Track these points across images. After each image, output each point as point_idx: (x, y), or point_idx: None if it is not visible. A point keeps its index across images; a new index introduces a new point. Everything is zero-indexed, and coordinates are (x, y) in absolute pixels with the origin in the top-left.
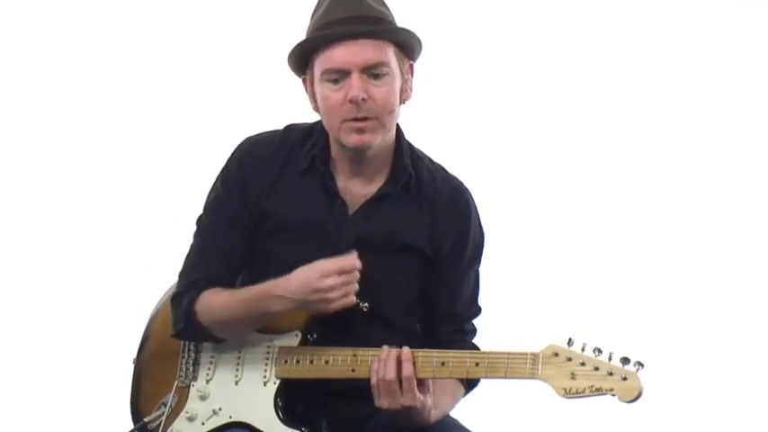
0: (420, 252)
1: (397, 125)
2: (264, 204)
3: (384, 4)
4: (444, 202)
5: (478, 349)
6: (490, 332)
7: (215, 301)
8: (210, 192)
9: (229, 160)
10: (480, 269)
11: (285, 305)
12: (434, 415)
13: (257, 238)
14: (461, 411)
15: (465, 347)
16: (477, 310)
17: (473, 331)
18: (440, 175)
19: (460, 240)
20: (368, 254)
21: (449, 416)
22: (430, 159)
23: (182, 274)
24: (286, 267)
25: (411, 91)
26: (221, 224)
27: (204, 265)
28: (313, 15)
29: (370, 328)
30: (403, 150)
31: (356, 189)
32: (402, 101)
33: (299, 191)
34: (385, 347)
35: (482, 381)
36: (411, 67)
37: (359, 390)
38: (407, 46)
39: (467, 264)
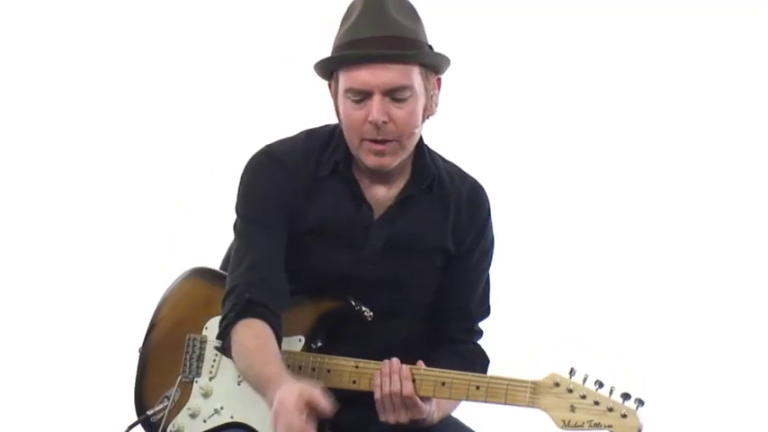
0: (444, 251)
1: None
2: (296, 210)
3: (413, 16)
4: (464, 200)
5: (485, 355)
6: (492, 337)
7: (244, 346)
8: (247, 202)
9: (261, 169)
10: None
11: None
12: (437, 417)
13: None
14: (463, 411)
15: (473, 350)
16: (486, 310)
17: (480, 333)
18: (456, 174)
19: (478, 236)
20: (394, 257)
21: (451, 416)
22: (442, 158)
23: (230, 283)
24: (310, 271)
25: (436, 106)
26: (267, 237)
27: (251, 281)
28: (342, 23)
29: (384, 332)
30: (424, 152)
31: (380, 193)
32: (426, 117)
33: (327, 196)
34: (386, 362)
35: None
36: (438, 81)
37: (360, 396)
38: (433, 65)
39: (482, 260)
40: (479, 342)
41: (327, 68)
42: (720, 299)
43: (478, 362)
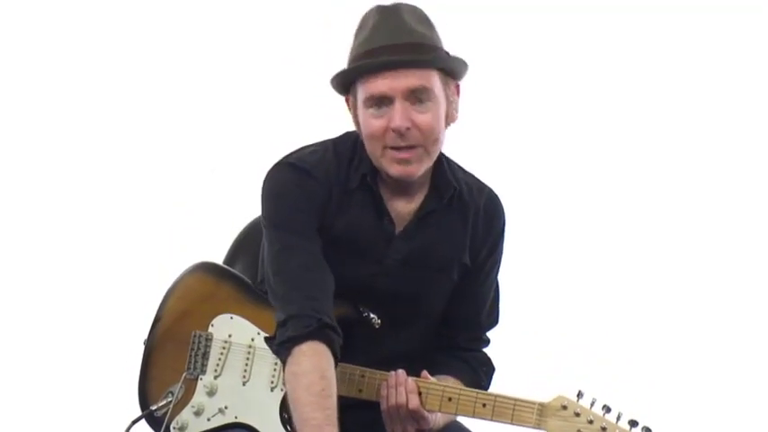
0: (461, 264)
1: None
2: (325, 221)
3: (428, 24)
4: (482, 212)
5: (491, 363)
6: (500, 342)
7: (300, 381)
8: (277, 209)
9: (289, 181)
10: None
11: None
12: (442, 422)
13: None
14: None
15: (479, 357)
16: (495, 319)
17: (487, 341)
18: (474, 185)
19: (492, 248)
20: (412, 271)
21: (455, 420)
22: (461, 168)
23: (280, 297)
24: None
25: (457, 112)
26: (313, 246)
27: (315, 296)
28: (356, 35)
29: (392, 340)
30: (443, 165)
31: (400, 206)
32: (448, 124)
33: (353, 208)
34: (392, 374)
35: (491, 386)
36: (457, 87)
37: (364, 399)
38: (452, 70)
39: (493, 270)
40: (486, 350)
41: (345, 81)
42: (729, 305)
43: (483, 369)
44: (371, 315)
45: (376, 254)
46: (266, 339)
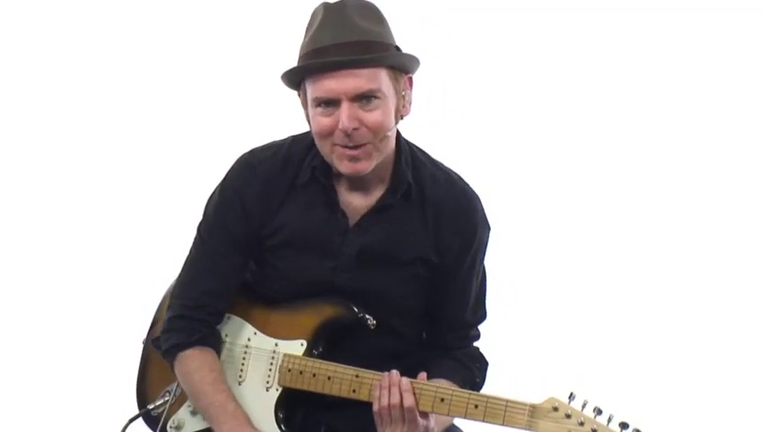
0: (424, 261)
1: (397, 130)
2: (271, 220)
3: (376, 20)
4: (449, 207)
5: (484, 358)
6: (492, 340)
7: (192, 377)
8: (212, 205)
9: (234, 177)
10: (487, 273)
11: None
12: (437, 431)
13: (260, 252)
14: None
15: (471, 354)
16: (482, 315)
17: (477, 336)
18: (444, 179)
19: (465, 246)
20: (369, 266)
21: (453, 424)
22: (434, 162)
23: (175, 294)
24: (286, 280)
25: (410, 105)
26: (222, 244)
27: (198, 291)
28: (306, 32)
29: (378, 339)
30: (402, 159)
31: (357, 201)
32: (400, 117)
33: (302, 204)
34: (385, 375)
35: (485, 380)
36: (410, 80)
37: (357, 401)
38: (401, 65)
39: (472, 269)
40: (477, 344)
41: (294, 79)
42: (721, 302)
43: (476, 366)
44: (367, 316)
45: (332, 248)
46: (153, 342)
